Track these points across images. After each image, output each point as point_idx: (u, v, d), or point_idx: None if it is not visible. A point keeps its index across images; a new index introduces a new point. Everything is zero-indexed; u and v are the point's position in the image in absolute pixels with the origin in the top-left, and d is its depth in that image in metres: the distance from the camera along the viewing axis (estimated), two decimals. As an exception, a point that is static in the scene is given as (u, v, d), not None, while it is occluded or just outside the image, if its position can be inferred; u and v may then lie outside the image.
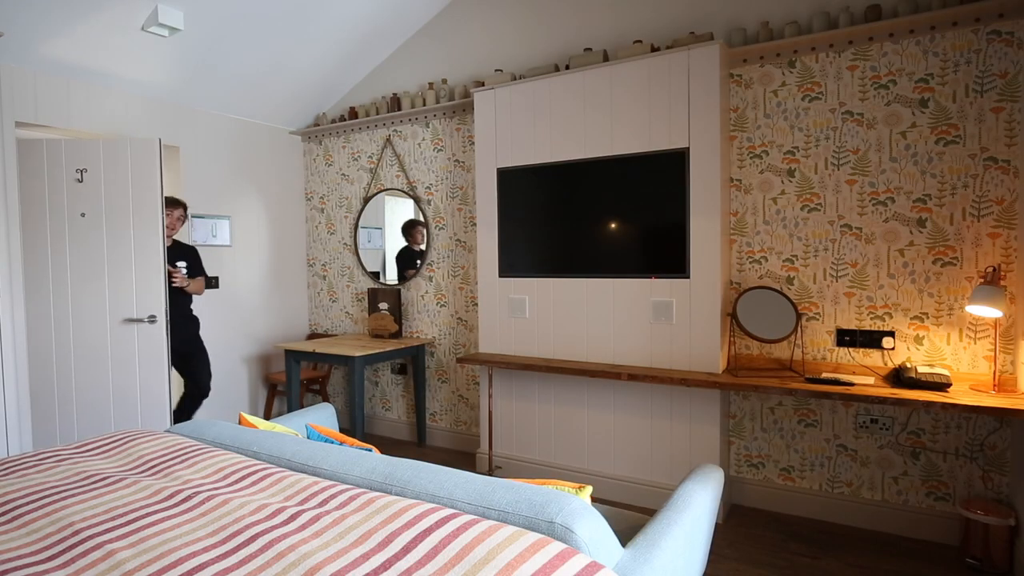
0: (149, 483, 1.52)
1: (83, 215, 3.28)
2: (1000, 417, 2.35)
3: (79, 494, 1.45)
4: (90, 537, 1.25)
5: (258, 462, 1.65)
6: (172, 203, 3.52)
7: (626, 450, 3.08)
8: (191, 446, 1.78)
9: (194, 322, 3.71)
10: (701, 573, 1.62)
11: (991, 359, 2.45)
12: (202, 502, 1.39)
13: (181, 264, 3.56)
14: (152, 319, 3.32)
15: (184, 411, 3.68)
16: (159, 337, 3.35)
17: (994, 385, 2.32)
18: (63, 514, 1.35)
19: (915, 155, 2.60)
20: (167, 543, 1.21)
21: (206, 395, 3.71)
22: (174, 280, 3.43)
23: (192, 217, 3.87)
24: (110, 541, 1.23)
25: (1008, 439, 2.48)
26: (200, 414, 3.88)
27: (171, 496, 1.44)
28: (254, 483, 1.51)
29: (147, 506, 1.39)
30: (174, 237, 3.59)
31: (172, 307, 3.42)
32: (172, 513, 1.35)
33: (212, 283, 4.00)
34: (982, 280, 2.42)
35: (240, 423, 2.03)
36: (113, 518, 1.33)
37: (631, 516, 1.71)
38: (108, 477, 1.56)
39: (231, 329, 4.15)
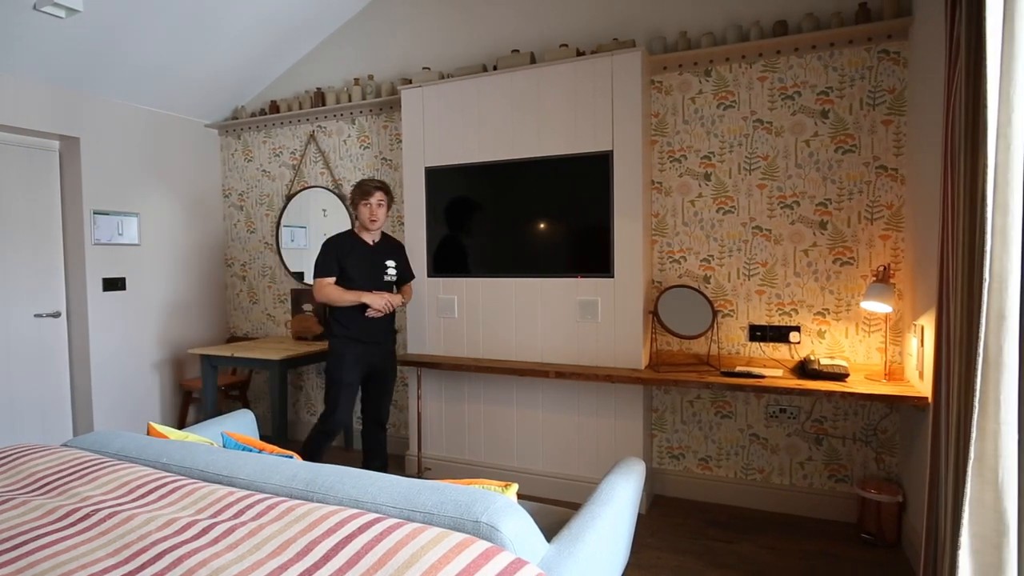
0: (41, 503, 1.40)
1: None
2: (890, 404, 2.56)
3: (-43, 518, 1.32)
4: (-30, 565, 1.14)
5: (167, 474, 1.55)
6: (370, 188, 2.80)
7: (554, 446, 3.13)
8: (91, 460, 1.65)
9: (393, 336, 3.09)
10: (624, 563, 1.67)
11: (883, 351, 2.67)
12: (103, 520, 1.30)
13: (391, 263, 2.97)
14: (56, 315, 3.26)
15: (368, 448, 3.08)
16: (62, 334, 3.31)
17: (885, 374, 2.54)
18: (-63, 541, 1.22)
19: (817, 162, 2.80)
20: (61, 566, 1.12)
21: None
22: (376, 307, 2.83)
23: (95, 214, 3.60)
24: (-6, 568, 1.12)
25: (897, 423, 2.71)
26: (102, 425, 3.61)
27: (67, 515, 1.33)
28: (162, 496, 1.43)
29: (38, 527, 1.28)
30: (382, 231, 3.01)
31: (359, 314, 2.87)
32: (68, 534, 1.25)
33: (118, 285, 3.74)
34: (874, 278, 2.63)
35: (149, 433, 1.91)
36: (-2, 542, 1.21)
37: (557, 511, 1.74)
38: (-7, 498, 1.43)
39: (140, 333, 3.89)
